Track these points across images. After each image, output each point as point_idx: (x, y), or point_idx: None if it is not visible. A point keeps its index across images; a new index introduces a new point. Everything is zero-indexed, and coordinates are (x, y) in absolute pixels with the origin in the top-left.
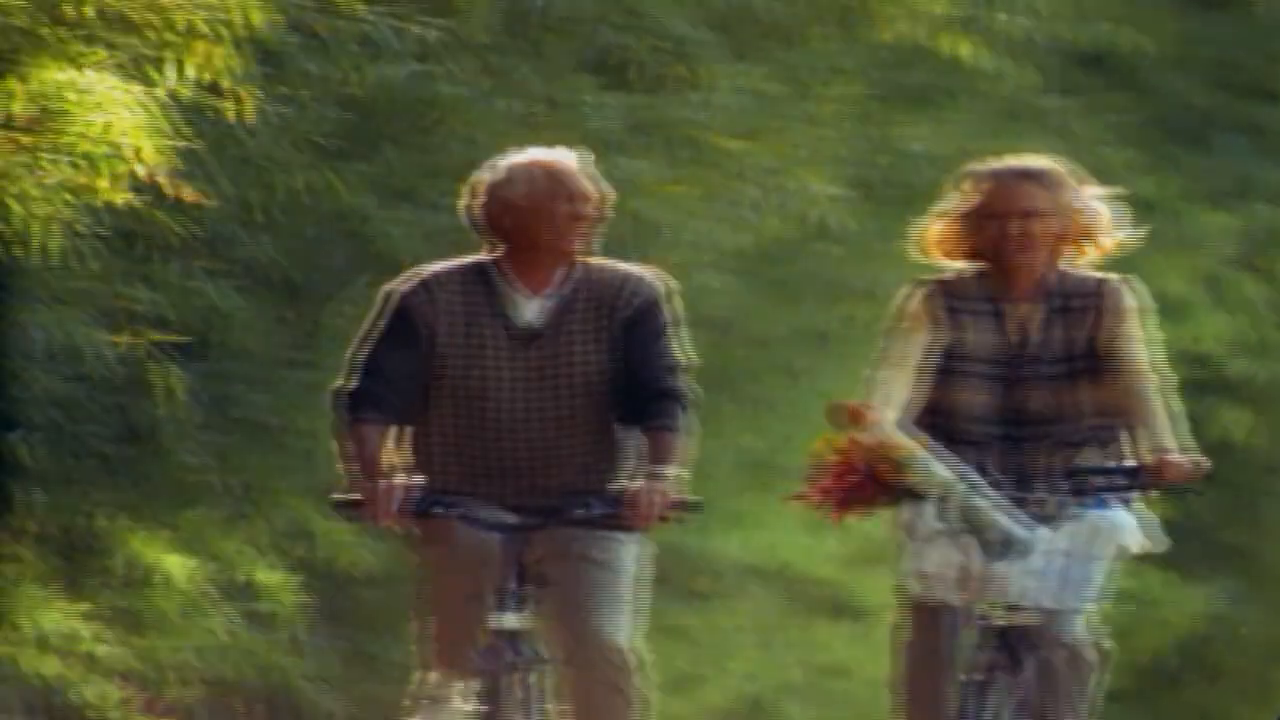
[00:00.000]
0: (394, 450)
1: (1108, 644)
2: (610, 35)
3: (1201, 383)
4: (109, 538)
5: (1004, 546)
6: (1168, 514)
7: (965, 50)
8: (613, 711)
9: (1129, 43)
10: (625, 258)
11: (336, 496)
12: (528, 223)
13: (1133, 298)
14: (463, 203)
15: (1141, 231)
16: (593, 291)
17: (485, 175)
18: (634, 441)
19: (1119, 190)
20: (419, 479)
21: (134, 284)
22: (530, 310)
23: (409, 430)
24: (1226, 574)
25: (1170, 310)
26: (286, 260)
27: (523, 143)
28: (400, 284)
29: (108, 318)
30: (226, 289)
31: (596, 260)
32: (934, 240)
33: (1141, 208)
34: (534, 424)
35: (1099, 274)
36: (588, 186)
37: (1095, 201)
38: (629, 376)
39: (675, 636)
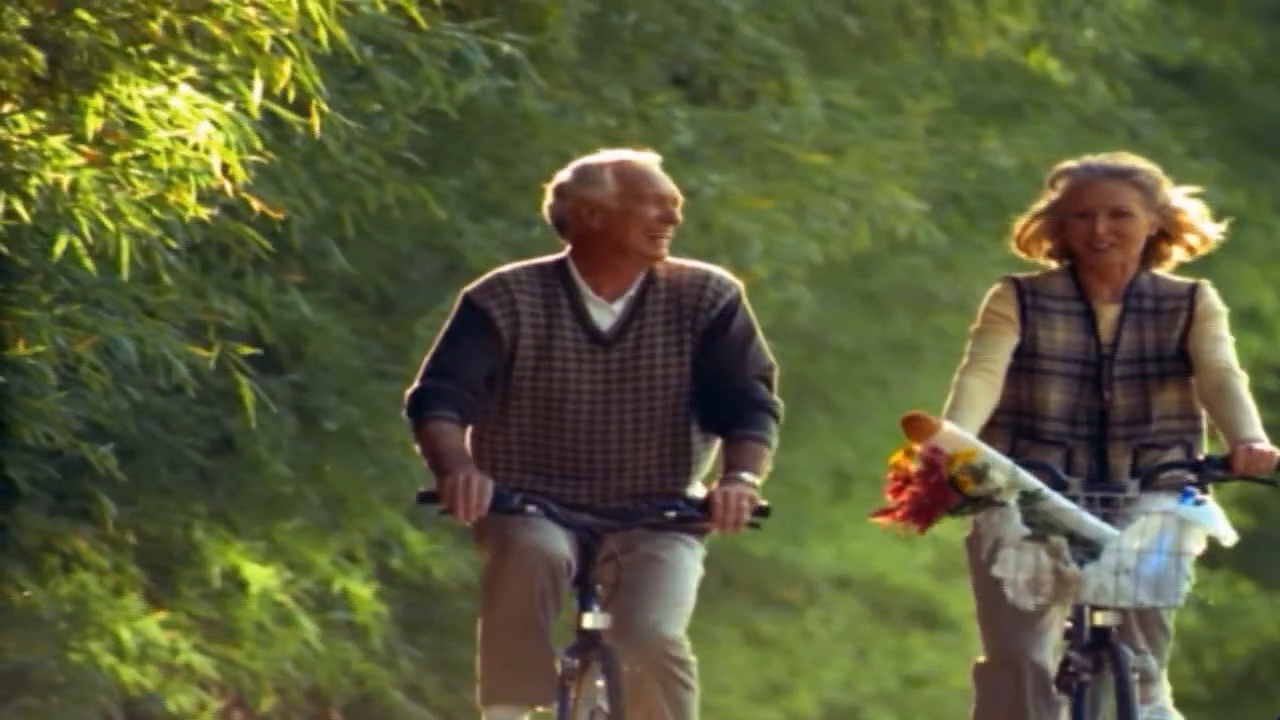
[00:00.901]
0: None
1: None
2: (699, 50)
3: None
4: (201, 549)
5: (1092, 547)
6: (1253, 524)
7: (1051, 65)
8: (679, 704)
9: (1214, 57)
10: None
11: (421, 490)
12: (616, 224)
13: (1219, 302)
14: (546, 203)
15: (1226, 232)
16: (670, 294)
17: (570, 176)
18: (710, 445)
19: (1202, 191)
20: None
21: (225, 298)
22: (608, 313)
23: (480, 430)
24: None
25: (1257, 322)
26: (377, 274)
27: None
28: (474, 287)
29: (199, 331)
30: (318, 302)
31: (671, 261)
32: (1026, 238)
33: (1227, 220)
34: (611, 427)
35: (1187, 279)
36: (673, 188)
37: (1185, 200)
38: (717, 383)
39: (768, 645)
